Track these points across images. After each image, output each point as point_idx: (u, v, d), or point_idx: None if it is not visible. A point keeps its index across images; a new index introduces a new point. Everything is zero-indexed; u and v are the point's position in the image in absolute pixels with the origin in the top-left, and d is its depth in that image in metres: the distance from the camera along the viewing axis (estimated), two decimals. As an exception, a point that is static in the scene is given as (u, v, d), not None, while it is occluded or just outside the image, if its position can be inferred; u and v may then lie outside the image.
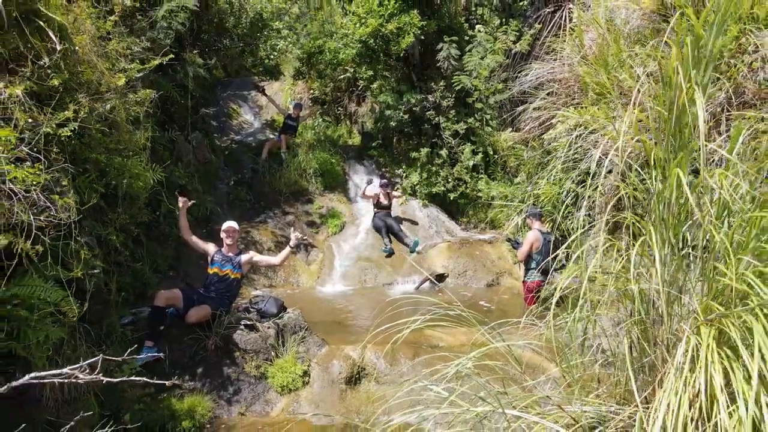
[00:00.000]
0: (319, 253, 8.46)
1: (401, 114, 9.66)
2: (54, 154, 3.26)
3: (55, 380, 2.02)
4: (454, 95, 9.53)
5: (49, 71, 3.41)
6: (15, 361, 3.61)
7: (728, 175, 2.41)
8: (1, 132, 2.93)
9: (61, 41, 3.47)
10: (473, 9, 11.58)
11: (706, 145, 2.36)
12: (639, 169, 3.17)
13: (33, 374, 2.01)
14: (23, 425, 2.76)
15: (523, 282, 6.28)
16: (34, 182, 3.05)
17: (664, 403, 2.04)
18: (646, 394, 2.62)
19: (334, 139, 12.11)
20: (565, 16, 10.37)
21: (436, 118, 9.67)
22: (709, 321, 2.16)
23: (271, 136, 12.41)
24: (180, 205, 5.30)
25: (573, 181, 6.58)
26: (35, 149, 3.14)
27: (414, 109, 9.67)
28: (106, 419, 3.71)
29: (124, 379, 2.23)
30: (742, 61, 5.33)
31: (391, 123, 10.13)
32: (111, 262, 4.63)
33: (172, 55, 5.22)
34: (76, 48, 3.75)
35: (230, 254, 5.38)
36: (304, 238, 7.89)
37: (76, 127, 3.43)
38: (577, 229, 3.16)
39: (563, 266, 6.01)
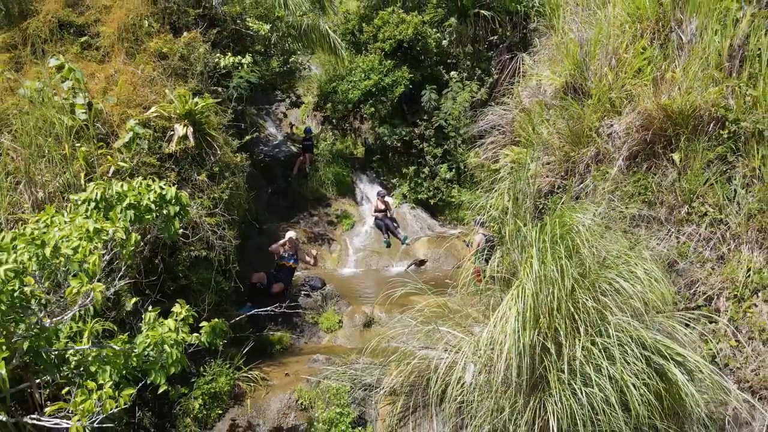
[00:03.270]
0: (338, 245, 11.59)
1: (395, 142, 12.71)
2: (222, 206, 6.30)
3: (261, 312, 5.11)
4: (434, 127, 12.56)
5: (213, 165, 6.45)
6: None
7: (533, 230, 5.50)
8: (204, 202, 6.00)
9: (219, 148, 6.51)
10: (451, 52, 14.45)
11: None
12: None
13: (254, 311, 5.11)
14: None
15: (474, 268, 9.41)
16: (217, 223, 6.11)
17: (492, 321, 5.16)
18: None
19: (343, 151, 15.05)
20: (519, 64, 13.31)
21: (421, 145, 12.73)
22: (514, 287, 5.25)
23: (293, 149, 15.38)
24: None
25: (508, 199, 9.61)
26: (215, 206, 6.19)
27: (405, 138, 12.72)
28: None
29: (298, 311, 5.33)
30: (602, 133, 8.28)
31: (388, 143, 13.17)
32: (225, 257, 7.71)
33: (256, 133, 8.23)
34: (220, 145, 6.77)
35: (290, 252, 8.50)
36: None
37: (229, 192, 6.48)
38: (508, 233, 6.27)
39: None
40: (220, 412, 5.68)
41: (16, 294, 2.88)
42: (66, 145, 4.91)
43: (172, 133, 6.17)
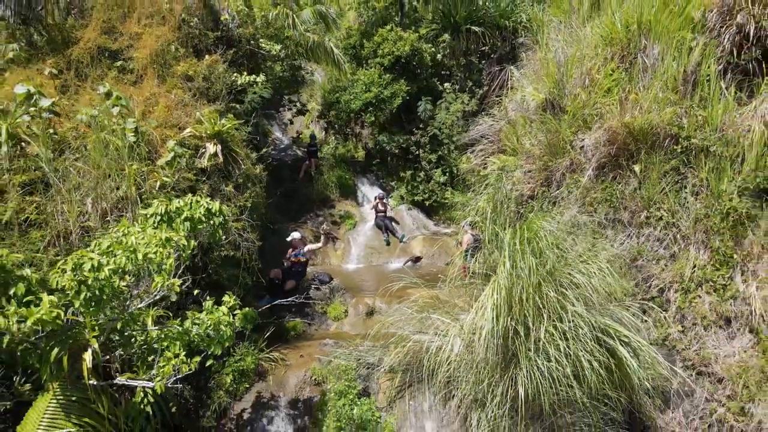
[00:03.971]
0: (341, 243, 12.60)
1: (393, 148, 13.72)
2: (246, 213, 7.30)
3: (285, 301, 6.12)
4: (429, 135, 13.55)
5: (238, 177, 7.44)
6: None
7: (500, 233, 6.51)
8: (232, 210, 6.98)
9: (242, 161, 7.49)
10: (446, 64, 15.38)
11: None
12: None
13: (277, 301, 6.12)
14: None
15: (460, 265, 10.41)
16: (243, 227, 7.10)
17: (474, 309, 6.18)
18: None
19: (345, 155, 16.01)
20: (507, 75, 14.27)
21: (417, 151, 13.72)
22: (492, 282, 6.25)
23: (299, 153, 16.35)
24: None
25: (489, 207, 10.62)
26: (242, 213, 7.19)
27: (402, 145, 13.72)
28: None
29: (310, 302, 6.35)
30: (576, 146, 9.26)
31: (387, 148, 14.17)
32: (245, 255, 8.71)
33: (270, 147, 9.20)
34: (242, 159, 7.76)
35: (299, 249, 9.49)
36: (330, 231, 12.01)
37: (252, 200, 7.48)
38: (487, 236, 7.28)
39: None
40: (248, 386, 6.71)
41: (113, 288, 3.86)
42: (126, 165, 5.89)
43: (203, 150, 7.15)
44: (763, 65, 7.85)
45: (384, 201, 13.16)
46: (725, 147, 7.45)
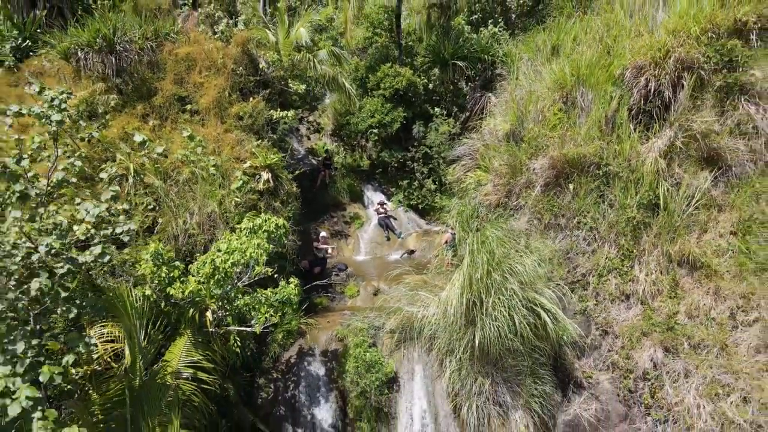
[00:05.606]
0: (352, 239, 15.27)
1: (393, 162, 16.36)
2: (290, 221, 9.94)
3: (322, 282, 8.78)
4: (422, 152, 16.18)
5: (283, 195, 10.07)
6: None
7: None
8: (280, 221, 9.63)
9: (285, 183, 10.12)
10: (436, 90, 17.93)
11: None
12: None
13: (314, 282, 8.78)
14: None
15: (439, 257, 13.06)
16: (287, 231, 9.76)
17: (448, 288, 8.86)
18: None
19: (352, 164, 18.60)
20: (486, 101, 16.83)
21: (413, 165, 16.37)
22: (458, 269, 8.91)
23: (314, 162, 18.93)
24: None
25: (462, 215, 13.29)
26: (290, 223, 9.83)
27: (400, 159, 16.37)
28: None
29: (332, 284, 9.04)
30: (530, 168, 11.90)
31: (388, 161, 16.79)
32: (284, 250, 11.39)
33: (303, 169, 11.85)
34: (285, 181, 10.39)
35: (322, 244, 12.16)
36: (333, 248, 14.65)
37: (292, 211, 10.11)
38: (461, 236, 9.95)
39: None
40: (292, 341, 9.41)
41: (231, 273, 6.52)
42: (214, 192, 8.54)
43: (259, 177, 9.78)
44: (660, 112, 10.41)
45: (385, 205, 15.80)
46: (630, 173, 10.04)
